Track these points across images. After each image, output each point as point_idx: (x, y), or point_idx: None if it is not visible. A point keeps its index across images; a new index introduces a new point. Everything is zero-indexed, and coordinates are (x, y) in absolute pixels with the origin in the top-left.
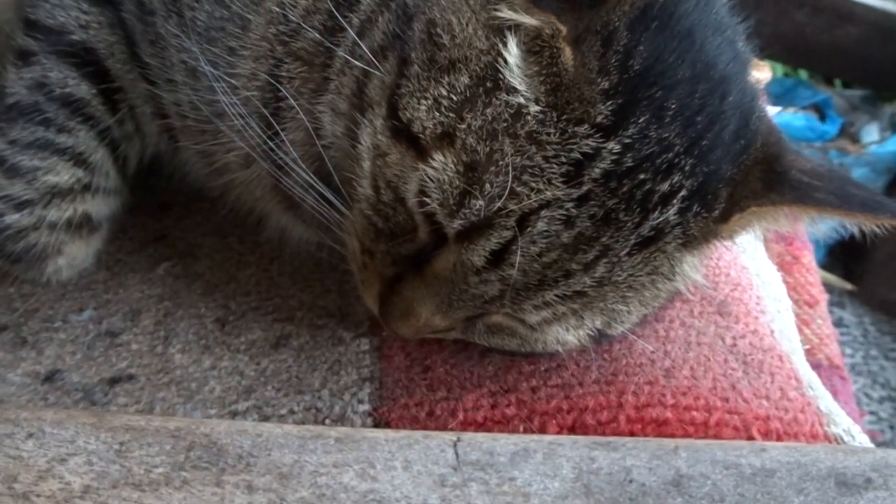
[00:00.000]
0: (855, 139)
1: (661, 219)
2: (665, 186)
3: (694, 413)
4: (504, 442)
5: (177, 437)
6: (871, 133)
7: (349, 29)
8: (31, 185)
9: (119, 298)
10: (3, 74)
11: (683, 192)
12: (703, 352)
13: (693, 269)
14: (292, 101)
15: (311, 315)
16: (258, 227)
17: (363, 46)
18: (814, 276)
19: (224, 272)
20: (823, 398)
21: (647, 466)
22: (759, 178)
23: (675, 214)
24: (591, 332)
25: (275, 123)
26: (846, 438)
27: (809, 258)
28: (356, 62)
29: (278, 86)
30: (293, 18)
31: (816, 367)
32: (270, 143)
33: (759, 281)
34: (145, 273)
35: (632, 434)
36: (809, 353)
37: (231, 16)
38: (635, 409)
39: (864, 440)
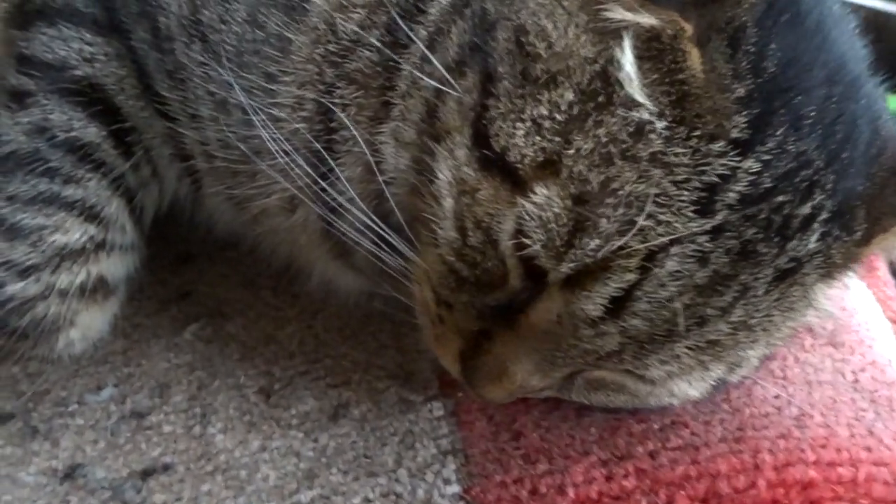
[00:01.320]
0: None
1: (801, 247)
2: (806, 209)
3: (840, 469)
4: None
5: None
6: None
7: (418, 41)
8: (37, 248)
9: (143, 371)
10: None
11: (825, 215)
12: (827, 392)
13: (827, 300)
14: (349, 131)
15: (370, 377)
16: (295, 278)
17: (435, 62)
18: (892, 289)
19: (261, 332)
20: None
21: None
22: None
23: (816, 241)
24: (713, 382)
25: (328, 158)
26: None
27: (884, 269)
28: (426, 82)
29: (330, 115)
30: (345, 35)
31: None
32: (322, 183)
33: (859, 303)
34: (170, 338)
35: (774, 502)
36: None
37: (267, 37)
38: (775, 471)
39: None
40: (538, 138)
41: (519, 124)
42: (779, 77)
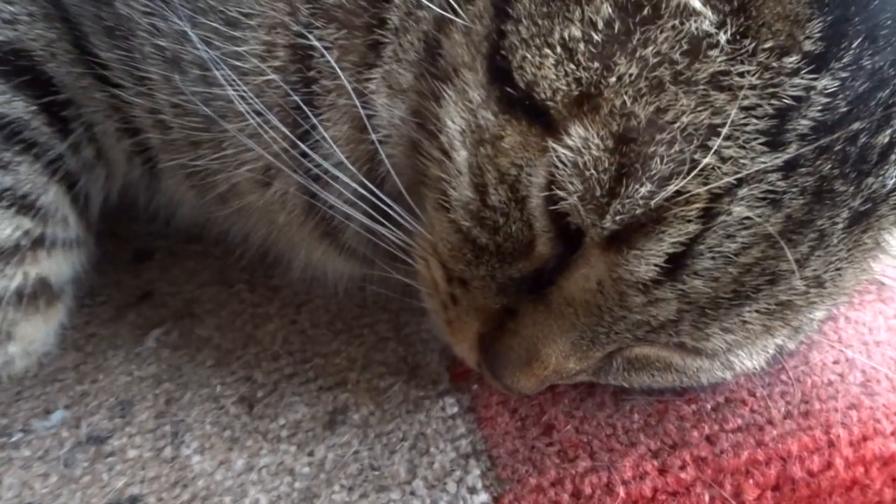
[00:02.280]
0: None
1: (877, 184)
2: (884, 138)
3: None
4: None
5: None
6: None
7: None
8: None
9: (100, 388)
10: None
11: None
12: (887, 353)
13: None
14: (332, 80)
15: (369, 375)
16: (274, 268)
17: None
18: None
19: (238, 332)
20: None
21: None
22: None
23: (894, 175)
24: (773, 351)
25: (310, 114)
26: None
27: None
28: (423, 12)
29: (308, 62)
30: None
31: None
32: (303, 146)
33: None
34: (131, 348)
35: (854, 482)
36: None
37: None
38: (851, 447)
39: None
40: (572, 66)
41: (547, 51)
42: None
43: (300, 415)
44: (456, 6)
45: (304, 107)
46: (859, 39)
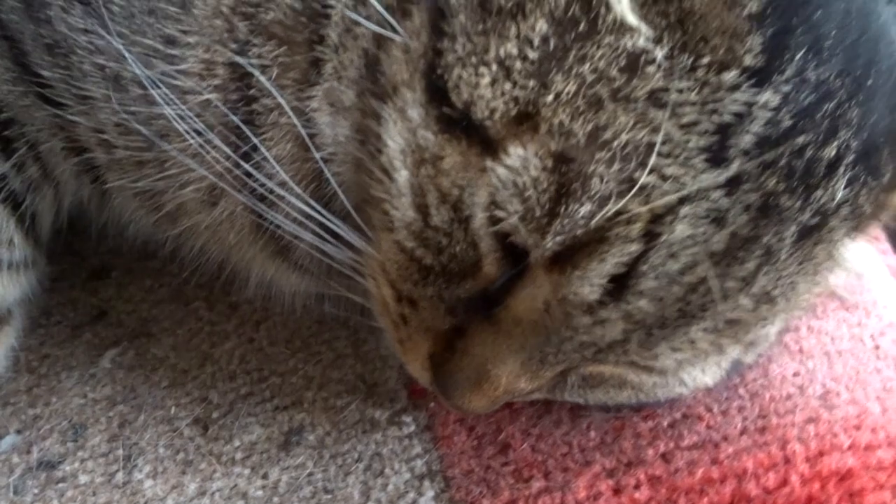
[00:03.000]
0: None
1: (826, 197)
2: (830, 151)
3: (879, 453)
4: None
5: None
6: None
7: None
8: None
9: (52, 411)
10: None
11: (850, 157)
12: (849, 363)
13: (854, 258)
14: (272, 98)
15: (326, 394)
16: (230, 284)
17: (372, 2)
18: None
19: (194, 352)
20: None
21: None
22: None
23: (843, 189)
24: (728, 366)
25: (250, 134)
26: None
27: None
28: (361, 28)
29: (248, 80)
30: None
31: None
32: (246, 166)
33: (864, 261)
34: (85, 369)
35: (810, 498)
36: None
37: None
38: (808, 463)
39: None
40: (508, 85)
41: (483, 69)
42: None
43: (255, 436)
44: (393, 22)
45: (243, 127)
46: (802, 51)
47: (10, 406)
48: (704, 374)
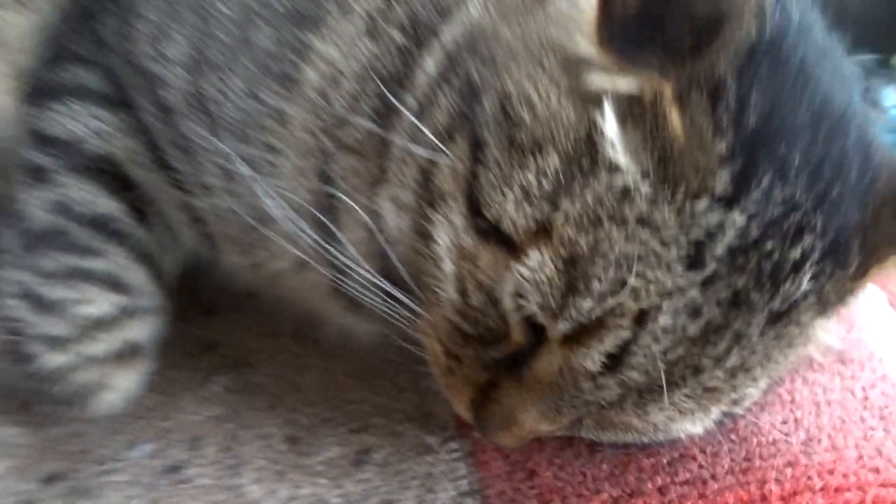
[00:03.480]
0: (874, 104)
1: (793, 289)
2: (796, 252)
3: (847, 495)
4: None
5: None
6: (889, 96)
7: (405, 111)
8: (66, 320)
9: (176, 425)
10: (12, 197)
11: (816, 255)
12: (836, 413)
13: (826, 333)
14: (350, 199)
15: (389, 421)
16: (315, 326)
17: (424, 130)
18: None
19: (285, 380)
20: None
21: None
22: (891, 220)
23: (808, 281)
24: (717, 418)
25: (330, 224)
26: None
27: None
28: (417, 152)
29: (331, 182)
30: (339, 106)
31: None
32: (327, 246)
33: (869, 313)
34: (199, 391)
35: None
36: None
37: (265, 109)
38: (782, 501)
39: None
40: (527, 206)
41: (508, 192)
42: (761, 128)
43: (333, 453)
44: (443, 148)
45: (324, 219)
46: (768, 177)
47: (145, 419)
48: (693, 426)
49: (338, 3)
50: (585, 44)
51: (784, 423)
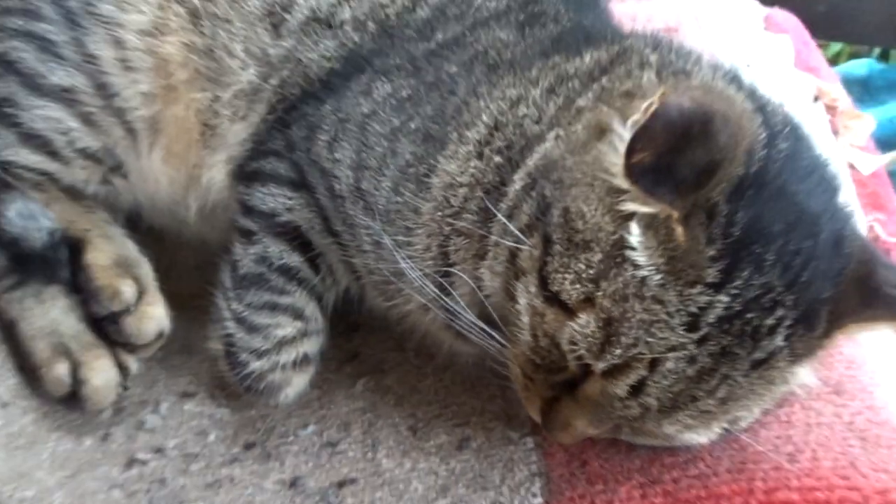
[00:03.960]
0: None
1: (770, 345)
2: (771, 320)
3: (818, 494)
4: None
5: None
6: None
7: (499, 215)
8: (266, 339)
9: (332, 413)
10: (231, 250)
11: (788, 322)
12: (823, 432)
13: (806, 374)
14: (460, 268)
15: (483, 419)
16: (431, 344)
17: (512, 227)
18: None
19: (408, 384)
20: None
21: None
22: (856, 296)
23: (782, 340)
24: (720, 432)
25: (446, 284)
26: None
27: None
28: (507, 240)
29: (447, 255)
30: (455, 205)
31: None
32: (443, 298)
33: (872, 354)
34: (347, 389)
35: None
36: None
37: (405, 202)
38: (764, 494)
39: None
40: (579, 285)
41: (567, 275)
42: (743, 237)
43: (442, 440)
44: (524, 239)
45: (442, 280)
46: (748, 270)
47: (310, 408)
48: (698, 436)
49: (457, 132)
50: (621, 179)
51: (777, 437)
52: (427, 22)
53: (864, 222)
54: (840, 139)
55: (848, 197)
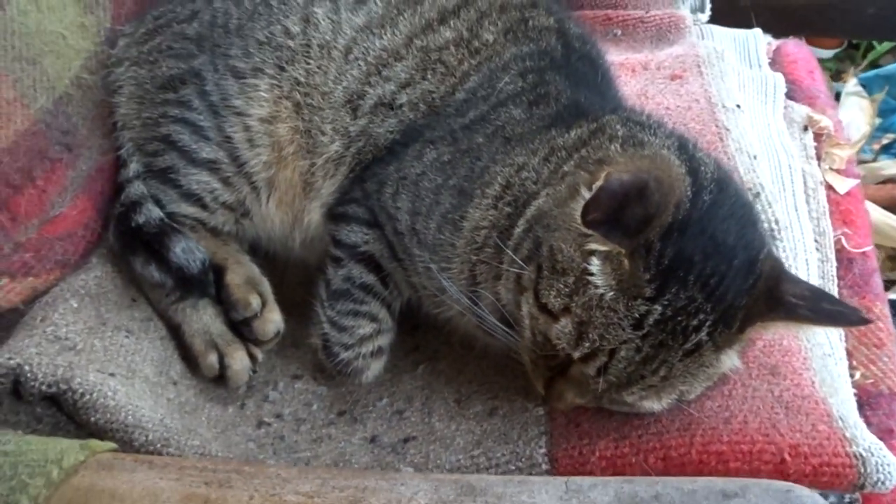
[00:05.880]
0: None
1: (696, 339)
2: (695, 321)
3: (742, 446)
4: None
5: (456, 482)
6: None
7: (507, 251)
8: (352, 336)
9: (399, 390)
10: (325, 271)
11: (709, 322)
12: (756, 403)
13: (730, 358)
14: (483, 286)
15: (509, 393)
16: (472, 338)
17: (516, 258)
18: (884, 322)
19: (455, 368)
20: (852, 427)
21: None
22: (764, 302)
23: (705, 335)
24: (670, 402)
25: (474, 298)
26: (866, 455)
27: (881, 307)
28: (514, 267)
29: (475, 278)
30: (478, 241)
31: (878, 395)
32: (473, 307)
33: (807, 345)
34: (411, 372)
35: (700, 462)
36: (873, 385)
37: (446, 239)
38: (702, 446)
39: (884, 455)
40: (560, 299)
41: (551, 292)
42: (671, 265)
43: (478, 409)
44: (525, 267)
45: (471, 295)
46: (675, 288)
47: (384, 386)
48: (652, 405)
49: (481, 190)
50: (584, 226)
51: (718, 407)
52: (463, 102)
53: (831, 236)
54: (822, 164)
55: (821, 213)
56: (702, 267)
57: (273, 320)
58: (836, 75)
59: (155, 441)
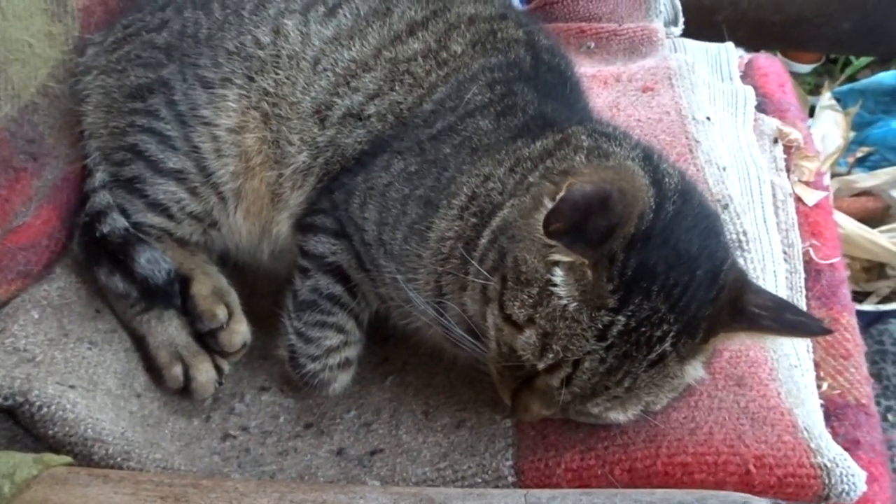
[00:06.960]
0: None
1: (660, 349)
2: (659, 332)
3: (707, 458)
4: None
5: (416, 495)
6: None
7: (472, 262)
8: (319, 347)
9: (367, 402)
10: (293, 282)
11: (673, 332)
12: (722, 414)
13: (695, 369)
14: (450, 297)
15: (476, 405)
16: (440, 350)
17: (481, 269)
18: (851, 332)
19: (423, 380)
20: (817, 438)
21: None
22: (727, 313)
23: (669, 346)
24: (636, 413)
25: (440, 309)
26: (830, 466)
27: (848, 318)
28: (479, 278)
29: (441, 289)
30: (445, 252)
31: (845, 406)
32: (440, 319)
33: (774, 356)
34: (379, 384)
35: (666, 474)
36: (840, 396)
37: (412, 249)
38: (668, 457)
39: (849, 466)
40: (524, 309)
41: (516, 303)
42: (634, 275)
43: (446, 421)
44: (490, 278)
45: (437, 307)
46: (639, 299)
47: (351, 398)
48: (618, 416)
49: (447, 200)
50: (547, 237)
51: (684, 418)
52: (431, 113)
53: (800, 247)
54: (791, 176)
55: (790, 225)
56: (665, 277)
57: (240, 332)
58: (815, 90)
59: (115, 455)
